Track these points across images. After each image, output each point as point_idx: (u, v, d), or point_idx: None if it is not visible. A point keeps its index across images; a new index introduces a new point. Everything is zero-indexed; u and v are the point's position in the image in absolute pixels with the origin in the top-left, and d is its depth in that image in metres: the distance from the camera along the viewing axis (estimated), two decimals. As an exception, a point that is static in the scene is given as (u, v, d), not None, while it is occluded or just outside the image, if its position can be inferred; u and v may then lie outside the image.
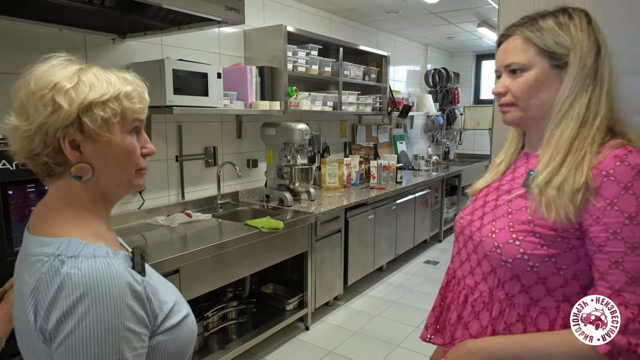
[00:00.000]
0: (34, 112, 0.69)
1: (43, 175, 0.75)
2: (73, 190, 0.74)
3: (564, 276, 0.85)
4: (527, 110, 0.91)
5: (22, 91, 0.71)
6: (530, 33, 0.88)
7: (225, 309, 2.68)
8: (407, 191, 4.04)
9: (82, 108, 0.70)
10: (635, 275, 0.76)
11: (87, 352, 0.63)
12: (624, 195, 0.77)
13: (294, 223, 2.67)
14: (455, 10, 3.97)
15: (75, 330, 0.63)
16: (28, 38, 2.03)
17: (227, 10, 1.97)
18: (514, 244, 0.86)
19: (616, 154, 0.80)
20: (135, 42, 2.45)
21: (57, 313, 0.64)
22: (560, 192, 0.81)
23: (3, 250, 1.42)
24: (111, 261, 0.68)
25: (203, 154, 2.92)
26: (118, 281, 0.67)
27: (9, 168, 1.39)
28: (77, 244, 0.69)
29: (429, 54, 5.86)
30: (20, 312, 0.71)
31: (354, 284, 3.51)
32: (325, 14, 3.90)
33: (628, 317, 0.75)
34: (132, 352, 0.67)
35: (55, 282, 0.65)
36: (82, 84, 0.71)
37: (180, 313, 0.79)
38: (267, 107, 2.91)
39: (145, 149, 0.79)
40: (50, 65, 0.72)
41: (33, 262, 0.69)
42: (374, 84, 4.26)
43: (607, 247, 0.78)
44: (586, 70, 0.85)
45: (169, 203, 2.73)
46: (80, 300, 0.63)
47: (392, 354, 2.69)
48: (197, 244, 2.12)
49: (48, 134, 0.69)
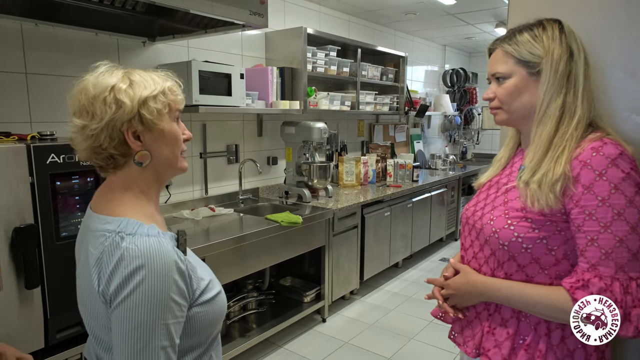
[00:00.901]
0: (100, 112, 0.81)
1: (108, 167, 0.86)
2: (131, 177, 0.87)
3: (555, 256, 0.95)
4: (511, 113, 1.04)
5: (81, 96, 0.83)
6: (509, 46, 1.01)
7: (246, 299, 2.81)
8: (423, 189, 4.10)
9: (140, 103, 0.82)
10: (608, 251, 0.86)
11: (138, 313, 0.75)
12: (599, 181, 0.88)
13: (312, 218, 2.77)
14: (472, 11, 4.01)
15: (131, 295, 0.75)
16: (67, 42, 2.18)
17: (252, 15, 2.08)
18: (509, 228, 0.97)
19: (593, 146, 0.90)
20: (163, 45, 2.59)
21: (117, 280, 0.76)
22: (541, 185, 0.93)
23: (52, 236, 1.56)
24: (162, 240, 0.80)
25: (225, 151, 3.05)
26: (167, 258, 0.78)
27: (57, 161, 1.53)
28: (134, 223, 0.81)
29: (447, 54, 5.88)
30: (84, 278, 0.84)
31: (370, 279, 3.59)
32: (344, 16, 4.00)
33: (601, 287, 0.86)
34: (173, 319, 0.78)
35: (116, 254, 0.77)
36: (135, 83, 0.84)
37: (214, 290, 0.90)
38: (287, 107, 3.02)
39: (184, 134, 0.93)
40: (100, 72, 0.85)
41: (97, 236, 0.82)
42: (392, 84, 4.33)
43: (585, 227, 0.89)
44: (559, 74, 0.96)
45: (193, 198, 2.87)
46: (136, 271, 0.75)
47: (406, 346, 2.76)
48: (220, 236, 2.24)
49: (114, 128, 0.81)
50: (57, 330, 1.61)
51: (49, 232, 1.55)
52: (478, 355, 1.06)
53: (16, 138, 1.65)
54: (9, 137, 1.65)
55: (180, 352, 0.84)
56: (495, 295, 1.00)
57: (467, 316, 1.12)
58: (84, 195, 1.61)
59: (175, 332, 0.79)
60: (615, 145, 0.90)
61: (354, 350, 2.71)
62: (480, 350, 1.06)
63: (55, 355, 1.61)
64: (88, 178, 1.62)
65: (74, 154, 1.54)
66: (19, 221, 1.48)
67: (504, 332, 1.02)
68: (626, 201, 0.86)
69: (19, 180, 1.48)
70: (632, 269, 0.85)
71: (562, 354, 0.96)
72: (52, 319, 1.58)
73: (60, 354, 1.62)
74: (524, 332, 1.00)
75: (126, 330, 0.75)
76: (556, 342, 0.96)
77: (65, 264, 1.58)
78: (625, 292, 0.84)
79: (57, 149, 1.54)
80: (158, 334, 0.76)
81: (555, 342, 0.96)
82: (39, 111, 2.09)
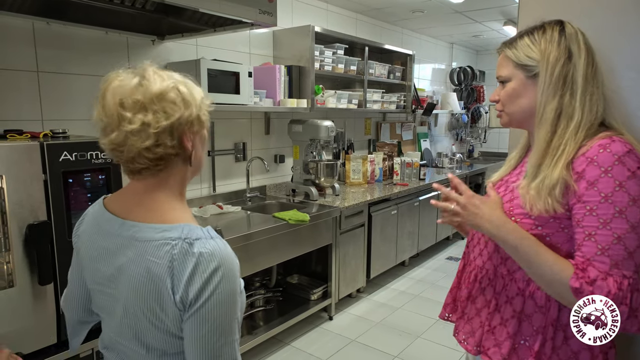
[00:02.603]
0: (170, 110, 0.79)
1: (154, 169, 0.82)
2: (173, 178, 0.86)
3: (558, 253, 0.94)
4: (511, 115, 1.06)
5: (137, 94, 0.78)
6: (509, 50, 1.04)
7: (253, 296, 2.82)
8: (430, 188, 4.10)
9: (199, 105, 0.85)
10: (605, 247, 0.87)
11: (219, 314, 0.79)
12: (604, 177, 0.88)
13: (319, 216, 2.78)
14: (480, 9, 3.99)
15: (211, 297, 0.78)
16: (78, 40, 2.20)
17: (261, 14, 2.09)
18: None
19: (601, 143, 0.90)
20: (172, 43, 2.61)
21: (196, 285, 0.77)
22: (539, 192, 0.93)
23: (65, 232, 1.58)
24: (224, 241, 0.83)
25: (233, 149, 3.06)
26: (233, 256, 0.82)
27: (69, 159, 1.55)
28: (195, 228, 0.82)
29: (455, 52, 5.86)
30: (140, 289, 0.81)
31: (377, 277, 3.60)
32: (351, 14, 3.99)
33: (597, 275, 0.86)
34: (240, 312, 0.84)
35: (190, 261, 0.77)
36: (190, 85, 0.85)
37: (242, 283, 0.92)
38: (295, 105, 3.03)
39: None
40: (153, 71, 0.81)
41: (158, 245, 0.80)
42: (399, 82, 4.33)
43: (584, 222, 0.89)
44: (554, 77, 0.96)
45: (201, 195, 2.89)
46: (214, 274, 0.78)
47: (413, 344, 2.77)
48: (228, 234, 2.26)
49: (179, 127, 0.81)
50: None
51: (61, 229, 1.57)
52: (479, 353, 1.07)
53: (29, 136, 1.67)
54: (21, 135, 1.67)
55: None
56: (506, 237, 0.95)
57: (467, 313, 1.12)
58: (95, 192, 1.63)
59: (239, 325, 0.84)
60: (624, 143, 0.89)
61: (360, 348, 2.72)
62: (480, 349, 1.06)
63: (68, 351, 1.63)
64: (99, 175, 1.64)
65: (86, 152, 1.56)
66: (33, 218, 1.51)
67: (504, 331, 1.02)
68: (629, 199, 0.86)
69: (32, 177, 1.50)
70: (626, 267, 0.86)
71: (566, 356, 0.95)
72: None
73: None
74: (525, 332, 0.99)
75: (208, 331, 0.78)
76: (559, 344, 0.96)
77: (78, 260, 1.59)
78: (619, 288, 0.85)
79: (70, 146, 1.56)
80: (233, 329, 0.81)
81: (558, 343, 0.96)
82: (50, 109, 2.12)
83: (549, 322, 0.97)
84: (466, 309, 1.13)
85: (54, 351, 1.62)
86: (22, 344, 1.54)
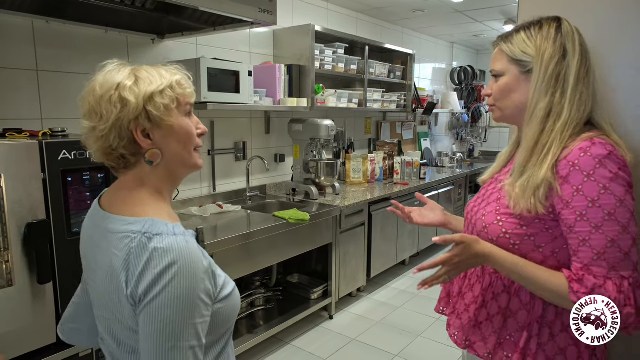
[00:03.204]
0: (106, 112, 0.79)
1: (119, 168, 0.85)
2: (144, 176, 0.85)
3: (543, 253, 0.96)
4: (503, 110, 1.06)
5: (89, 97, 0.81)
6: (504, 45, 1.03)
7: (254, 296, 2.82)
8: (430, 187, 4.09)
9: (146, 99, 0.80)
10: (600, 251, 0.87)
11: (167, 313, 0.74)
12: (587, 182, 0.88)
13: (319, 215, 2.78)
14: (481, 8, 3.98)
15: (160, 295, 0.74)
16: (78, 39, 2.20)
17: (261, 12, 2.08)
18: (497, 224, 1.00)
19: (581, 146, 0.90)
20: (172, 42, 2.60)
21: (146, 281, 0.75)
22: (524, 191, 0.94)
23: (64, 231, 1.58)
24: (188, 239, 0.80)
25: (233, 148, 3.06)
26: (195, 257, 0.78)
27: (68, 157, 1.55)
28: (159, 223, 0.80)
29: (455, 52, 5.85)
30: (105, 282, 0.82)
31: (377, 276, 3.60)
32: (352, 13, 3.99)
33: (595, 284, 0.87)
34: (201, 319, 0.78)
35: (144, 255, 0.76)
36: (140, 80, 0.82)
37: (230, 286, 0.90)
38: (295, 104, 3.03)
39: (199, 129, 0.91)
40: (108, 71, 0.83)
41: (120, 238, 0.80)
42: (399, 82, 4.32)
43: (576, 228, 0.90)
44: (548, 74, 0.96)
45: (201, 195, 2.88)
46: (166, 271, 0.74)
47: (413, 343, 2.76)
48: (228, 233, 2.25)
49: (122, 128, 0.80)
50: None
51: (60, 228, 1.56)
52: (466, 347, 1.09)
53: (28, 135, 1.67)
54: (20, 133, 1.67)
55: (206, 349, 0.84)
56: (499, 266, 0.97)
57: (457, 309, 1.14)
58: (94, 191, 1.63)
59: (202, 331, 0.78)
60: (604, 145, 0.89)
61: (361, 347, 2.72)
62: (468, 342, 1.08)
63: (67, 350, 1.63)
64: (99, 174, 1.64)
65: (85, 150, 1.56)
66: (32, 217, 1.50)
67: (490, 326, 1.04)
68: (616, 201, 0.87)
69: (31, 176, 1.50)
70: (624, 268, 0.86)
71: (553, 352, 0.97)
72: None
73: (71, 348, 1.64)
74: (510, 328, 1.01)
75: (155, 330, 0.74)
76: (545, 340, 0.98)
77: (77, 259, 1.57)
78: (619, 291, 0.85)
79: (69, 145, 1.56)
80: (187, 333, 0.75)
81: (544, 340, 0.98)
82: (49, 108, 2.11)
83: (534, 319, 0.98)
84: (457, 304, 1.15)
85: (53, 350, 1.62)
86: (21, 343, 1.54)
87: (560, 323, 0.97)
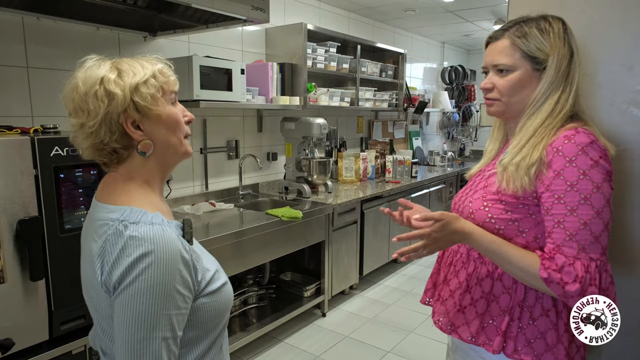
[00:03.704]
0: (94, 108, 0.79)
1: (112, 163, 0.85)
2: (135, 168, 0.86)
3: (525, 238, 1.00)
4: (509, 105, 1.05)
5: (73, 95, 0.81)
6: (517, 39, 1.01)
7: (247, 293, 2.82)
8: (422, 185, 4.12)
9: (132, 90, 0.80)
10: (573, 232, 0.92)
11: (140, 302, 0.73)
12: (569, 167, 0.93)
13: (311, 213, 2.79)
14: (471, 8, 4.02)
15: (133, 284, 0.74)
16: (69, 36, 2.18)
17: (253, 10, 2.09)
18: (484, 210, 1.03)
19: (566, 134, 0.95)
20: (164, 40, 2.60)
21: (120, 269, 0.75)
22: (518, 168, 0.97)
23: (56, 228, 1.57)
24: (165, 229, 0.79)
25: (226, 147, 3.06)
26: (171, 247, 0.77)
27: (60, 154, 1.54)
28: (137, 211, 0.80)
29: (446, 52, 5.90)
30: (87, 268, 0.83)
31: (369, 274, 3.62)
32: (344, 12, 4.01)
33: (565, 262, 0.91)
34: (176, 310, 0.77)
35: (119, 243, 0.76)
36: (123, 72, 0.82)
37: (220, 280, 0.89)
38: (287, 102, 3.03)
39: (186, 116, 0.90)
40: (88, 67, 0.82)
41: (100, 225, 0.81)
42: (391, 81, 4.35)
43: (553, 210, 0.94)
44: (560, 73, 0.99)
45: (194, 193, 2.88)
46: (139, 260, 0.74)
47: (406, 339, 2.79)
48: (220, 231, 2.26)
49: (112, 121, 0.80)
50: (62, 322, 1.62)
51: (53, 225, 1.55)
52: (450, 332, 1.12)
53: (19, 131, 1.66)
54: (11, 130, 1.65)
55: (189, 344, 0.83)
56: (477, 242, 0.99)
57: (442, 296, 1.17)
58: (87, 188, 1.62)
59: (178, 323, 0.77)
60: (587, 134, 0.94)
61: (353, 344, 2.73)
62: (452, 327, 1.11)
63: (60, 347, 1.62)
64: (91, 171, 1.63)
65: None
66: (24, 213, 1.49)
67: (473, 311, 1.07)
68: (593, 187, 0.91)
69: (23, 172, 1.48)
70: (593, 251, 0.91)
71: (533, 335, 1.00)
72: (57, 311, 1.59)
73: (64, 345, 1.63)
74: (493, 313, 1.05)
75: (127, 319, 0.73)
76: (525, 324, 1.01)
77: (70, 256, 1.58)
78: (586, 271, 0.90)
79: (61, 141, 1.55)
80: (160, 324, 0.74)
81: (525, 323, 1.01)
82: (40, 105, 2.10)
83: (516, 303, 1.02)
84: (442, 292, 1.18)
85: (45, 348, 1.60)
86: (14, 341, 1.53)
87: (540, 307, 1.01)
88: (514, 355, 1.01)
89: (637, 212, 1.16)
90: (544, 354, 0.99)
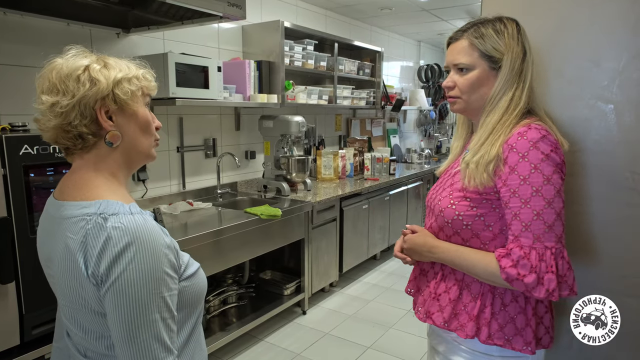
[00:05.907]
0: (73, 88, 0.80)
1: (75, 148, 0.84)
2: (100, 159, 0.85)
3: (492, 232, 1.05)
4: (469, 103, 1.11)
5: (51, 75, 0.81)
6: (475, 39, 1.07)
7: (226, 293, 2.80)
8: (400, 183, 4.17)
9: (115, 83, 0.82)
10: (528, 224, 0.97)
11: (134, 290, 0.75)
12: (522, 162, 0.98)
13: (291, 211, 2.78)
14: (446, 7, 4.08)
15: (124, 273, 0.74)
16: (37, 32, 2.12)
17: (229, 6, 2.07)
18: (451, 207, 1.08)
19: (520, 131, 1.01)
20: (138, 37, 2.55)
21: (107, 260, 0.75)
22: (478, 166, 1.03)
23: (26, 229, 1.52)
24: (146, 217, 0.80)
25: (203, 145, 3.02)
26: (154, 233, 0.78)
27: (30, 152, 1.49)
28: (114, 203, 0.80)
29: (422, 50, 5.97)
30: (63, 269, 0.81)
31: (349, 271, 3.63)
32: (320, 10, 4.01)
33: (520, 255, 0.96)
34: (169, 292, 0.79)
35: (102, 235, 0.76)
36: (109, 65, 0.84)
37: (194, 265, 0.93)
38: (265, 100, 3.01)
39: (155, 122, 0.93)
40: (74, 54, 0.84)
41: (75, 221, 0.79)
42: (368, 79, 4.37)
43: (510, 204, 1.00)
44: (514, 71, 1.05)
45: (171, 192, 2.83)
46: (126, 248, 0.75)
47: (386, 334, 2.81)
48: (199, 230, 2.23)
49: (87, 106, 0.81)
50: (33, 326, 1.57)
51: (23, 225, 1.51)
52: (426, 320, 1.17)
53: (-14, 130, 1.60)
54: (-22, 128, 1.60)
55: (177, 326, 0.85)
56: (443, 257, 1.10)
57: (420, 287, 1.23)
58: (59, 188, 1.58)
59: (173, 303, 0.79)
60: (539, 129, 0.99)
61: (334, 340, 2.74)
62: (427, 314, 1.16)
63: (32, 352, 1.58)
64: (63, 170, 1.59)
65: (49, 145, 1.51)
66: (-9, 214, 1.44)
67: (447, 297, 1.12)
68: (543, 179, 0.96)
69: (-10, 172, 1.44)
70: (547, 239, 0.95)
71: (504, 320, 1.05)
72: (28, 314, 1.55)
73: (36, 350, 1.59)
74: (465, 300, 1.09)
75: (123, 308, 0.74)
76: (497, 310, 1.06)
77: (41, 257, 1.54)
78: (540, 259, 0.94)
79: (31, 140, 1.51)
80: (156, 306, 0.76)
81: (496, 309, 1.06)
82: (7, 103, 2.03)
83: (487, 290, 1.07)
84: (420, 282, 1.23)
85: (16, 353, 1.56)
86: (-18, 346, 1.48)
87: (510, 294, 1.06)
88: (487, 341, 1.05)
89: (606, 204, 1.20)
90: (514, 337, 1.04)
